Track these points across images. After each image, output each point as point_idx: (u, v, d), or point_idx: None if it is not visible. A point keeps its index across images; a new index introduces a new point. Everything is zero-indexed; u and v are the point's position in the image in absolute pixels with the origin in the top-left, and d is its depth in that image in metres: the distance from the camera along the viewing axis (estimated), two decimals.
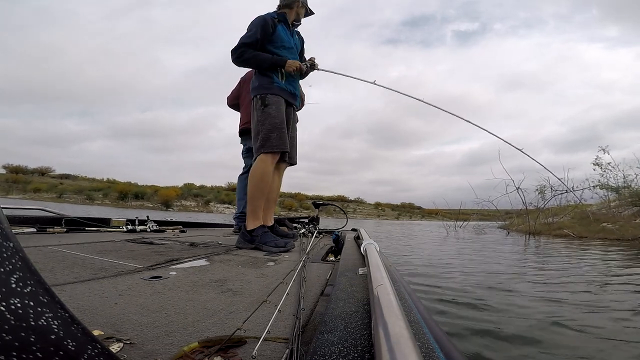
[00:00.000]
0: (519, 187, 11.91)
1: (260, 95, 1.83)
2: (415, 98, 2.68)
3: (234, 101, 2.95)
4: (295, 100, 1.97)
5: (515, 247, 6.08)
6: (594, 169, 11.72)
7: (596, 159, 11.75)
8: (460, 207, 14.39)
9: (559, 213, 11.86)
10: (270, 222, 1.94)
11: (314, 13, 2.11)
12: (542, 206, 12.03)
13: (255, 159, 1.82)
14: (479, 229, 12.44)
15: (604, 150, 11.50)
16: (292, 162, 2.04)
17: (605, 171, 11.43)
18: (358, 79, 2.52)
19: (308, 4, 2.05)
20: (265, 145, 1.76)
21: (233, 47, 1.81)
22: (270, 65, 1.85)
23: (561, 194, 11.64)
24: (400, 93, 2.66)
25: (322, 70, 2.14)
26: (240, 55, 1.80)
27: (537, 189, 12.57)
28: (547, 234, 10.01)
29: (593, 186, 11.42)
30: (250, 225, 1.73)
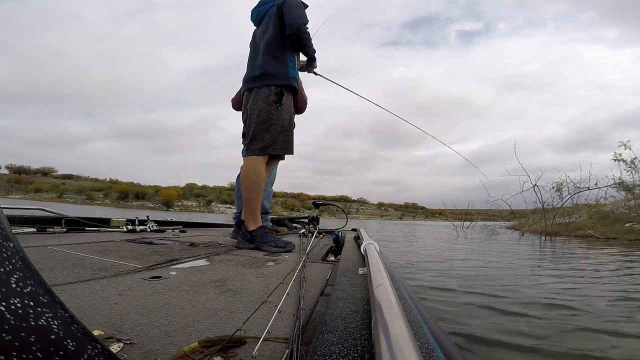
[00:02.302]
0: (535, 184, 11.32)
1: (276, 88, 1.71)
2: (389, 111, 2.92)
3: (240, 103, 2.95)
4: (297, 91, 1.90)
5: (544, 250, 5.29)
6: (629, 168, 10.64)
7: (615, 155, 10.93)
8: (467, 207, 14.02)
9: (573, 212, 11.26)
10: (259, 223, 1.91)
11: (307, 6, 2.01)
12: (561, 205, 11.36)
13: (247, 157, 1.74)
14: (489, 229, 11.89)
15: (625, 145, 10.64)
16: (282, 157, 1.96)
17: (633, 167, 10.48)
18: (348, 90, 2.66)
19: None
20: (271, 147, 1.69)
21: (301, 21, 1.68)
22: (313, 55, 1.84)
23: (580, 191, 10.97)
24: (373, 103, 2.87)
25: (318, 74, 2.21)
26: (307, 32, 1.69)
27: (553, 186, 11.94)
28: (565, 234, 9.44)
29: (618, 183, 10.66)
30: (251, 225, 1.71)
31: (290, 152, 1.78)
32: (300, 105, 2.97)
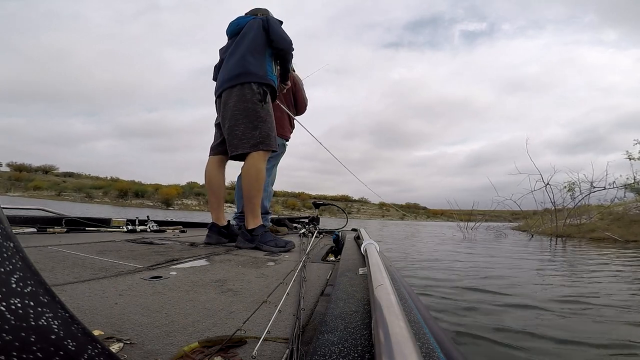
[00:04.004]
0: (548, 183, 11.05)
1: (260, 86, 1.75)
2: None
3: None
4: (275, 96, 1.96)
5: (582, 259, 4.53)
6: None
7: (628, 153, 10.67)
8: (472, 208, 13.71)
9: (582, 213, 10.88)
10: (224, 221, 1.92)
11: (282, 22, 2.09)
12: (574, 205, 10.99)
13: (249, 155, 1.72)
14: (495, 230, 11.46)
15: None
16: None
17: None
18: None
19: (270, 14, 2.05)
20: (264, 143, 1.71)
21: (288, 39, 1.87)
22: (288, 71, 2.02)
23: (595, 191, 10.53)
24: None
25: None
26: (293, 49, 1.90)
27: (565, 186, 11.62)
28: (577, 236, 9.00)
29: (634, 183, 10.28)
30: (251, 224, 1.71)
31: (276, 150, 1.83)
32: (300, 106, 2.98)
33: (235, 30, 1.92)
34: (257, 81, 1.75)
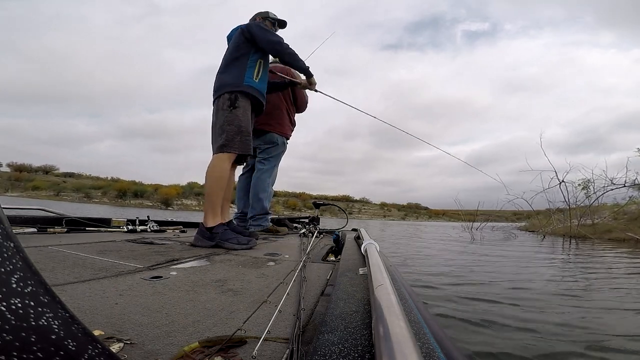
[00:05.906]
0: (563, 181, 10.70)
1: (230, 95, 1.84)
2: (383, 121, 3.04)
3: None
4: (264, 100, 2.02)
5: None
6: None
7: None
8: (478, 208, 13.37)
9: (593, 213, 10.54)
10: (228, 219, 1.92)
11: (284, 22, 2.24)
12: (589, 204, 10.56)
13: (213, 156, 1.84)
14: (502, 231, 10.97)
15: None
16: (244, 160, 2.02)
17: None
18: (352, 107, 2.86)
19: (271, 15, 2.19)
20: (227, 146, 1.78)
21: (275, 40, 1.93)
22: (305, 69, 2.08)
23: (615, 188, 10.04)
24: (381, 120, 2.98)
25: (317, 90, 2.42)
26: (288, 47, 1.93)
27: (580, 184, 11.23)
28: (593, 237, 8.53)
29: None
30: (210, 222, 1.70)
31: (248, 152, 1.86)
32: (299, 105, 2.98)
33: (229, 40, 2.06)
34: (230, 90, 1.85)
